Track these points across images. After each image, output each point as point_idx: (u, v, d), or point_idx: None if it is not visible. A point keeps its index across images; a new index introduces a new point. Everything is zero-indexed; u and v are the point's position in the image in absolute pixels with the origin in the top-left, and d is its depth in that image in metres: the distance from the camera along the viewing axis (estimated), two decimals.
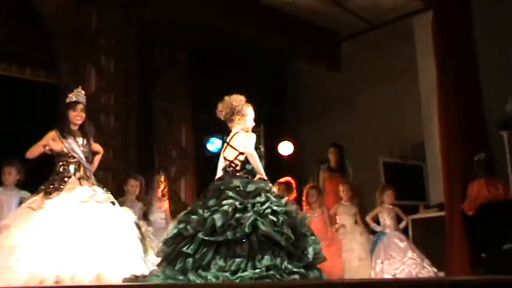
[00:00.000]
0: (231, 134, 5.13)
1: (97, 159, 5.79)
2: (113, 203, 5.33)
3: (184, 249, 4.35)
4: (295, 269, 4.26)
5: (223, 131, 9.73)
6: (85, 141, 5.61)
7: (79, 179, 5.40)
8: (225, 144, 5.13)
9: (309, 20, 10.10)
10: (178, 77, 10.11)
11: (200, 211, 4.55)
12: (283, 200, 4.74)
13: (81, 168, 5.49)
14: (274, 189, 4.97)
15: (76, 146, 5.52)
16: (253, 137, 5.02)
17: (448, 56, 8.57)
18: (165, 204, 7.42)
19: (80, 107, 5.61)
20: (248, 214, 4.39)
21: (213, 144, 10.03)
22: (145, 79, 9.54)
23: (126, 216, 5.35)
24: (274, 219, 4.42)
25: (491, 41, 9.19)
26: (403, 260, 7.40)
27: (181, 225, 4.53)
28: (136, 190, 7.04)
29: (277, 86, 12.14)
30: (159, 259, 4.65)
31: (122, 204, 6.16)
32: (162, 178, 7.57)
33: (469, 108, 8.43)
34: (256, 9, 9.35)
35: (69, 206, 5.10)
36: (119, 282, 4.57)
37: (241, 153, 4.96)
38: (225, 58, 10.25)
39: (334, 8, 9.82)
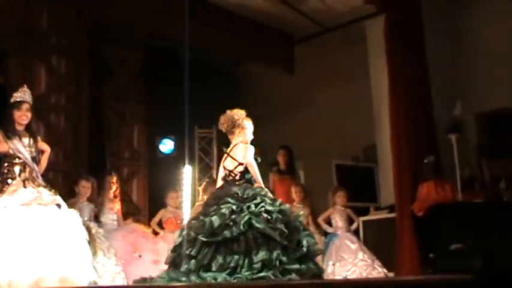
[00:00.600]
0: (231, 146, 5.49)
1: (44, 158, 5.62)
2: (59, 206, 5.18)
3: (187, 252, 4.71)
4: (289, 266, 4.56)
5: (175, 131, 9.81)
6: (31, 142, 5.45)
7: (24, 180, 5.24)
8: (225, 155, 5.48)
9: (263, 22, 10.14)
10: (131, 77, 10.00)
11: (201, 217, 4.93)
12: (278, 201, 5.07)
13: (27, 170, 5.33)
14: (270, 194, 5.21)
15: (21, 146, 5.36)
16: (252, 148, 5.37)
17: (400, 60, 8.69)
18: (117, 206, 7.33)
19: (25, 106, 5.44)
20: (243, 214, 4.75)
21: (166, 146, 9.96)
22: (98, 78, 9.42)
23: (72, 218, 5.22)
24: (268, 216, 4.76)
25: (441, 46, 9.38)
26: (354, 261, 7.47)
27: (185, 232, 4.92)
28: (88, 191, 6.92)
29: (230, 87, 12.12)
30: (110, 260, 4.71)
31: (72, 205, 6.06)
32: (114, 179, 7.47)
33: (420, 111, 8.58)
34: (209, 11, 9.33)
35: (10, 209, 4.94)
36: (63, 285, 4.47)
37: (241, 164, 5.31)
38: (178, 58, 10.19)
39: (288, 11, 9.87)
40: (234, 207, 4.83)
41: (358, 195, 9.00)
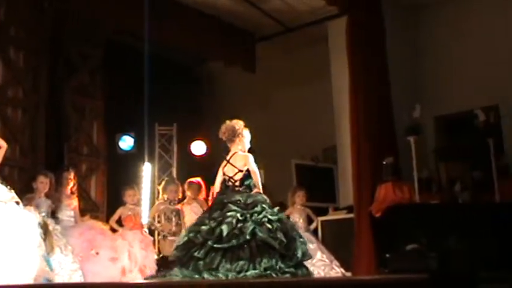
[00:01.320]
0: (231, 153, 5.94)
1: (0, 154, 5.52)
2: (18, 203, 5.08)
3: (195, 254, 5.24)
4: (286, 269, 5.13)
5: (135, 128, 9.72)
6: None
7: None
8: (225, 162, 5.91)
9: (225, 20, 10.11)
10: (91, 72, 9.87)
11: (207, 221, 5.42)
12: (276, 209, 5.57)
13: None
14: (268, 200, 5.69)
15: None
16: (251, 156, 5.88)
17: (361, 62, 8.77)
18: (74, 202, 7.21)
19: None
20: (248, 224, 5.26)
21: (125, 142, 9.84)
22: (58, 73, 9.27)
23: (29, 216, 5.12)
24: (270, 226, 5.27)
25: (402, 48, 9.51)
26: (312, 261, 7.49)
27: (191, 234, 5.42)
28: (46, 187, 6.80)
29: (191, 85, 12.08)
30: (67, 257, 4.71)
31: (30, 201, 5.95)
32: (72, 175, 7.34)
33: (380, 113, 8.67)
34: (172, 8, 9.26)
35: None
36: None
37: (240, 171, 5.78)
38: (139, 55, 10.12)
39: (250, 10, 9.86)
40: (239, 215, 5.33)
41: (318, 195, 9.05)
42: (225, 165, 5.91)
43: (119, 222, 7.52)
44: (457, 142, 9.40)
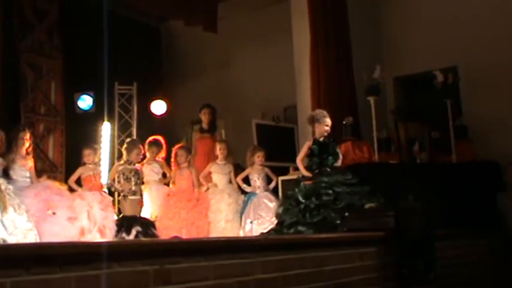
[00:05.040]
0: None
1: None
2: None
3: None
4: None
5: (95, 88, 9.57)
6: None
7: None
8: None
9: None
10: (48, 30, 9.65)
11: None
12: None
13: None
14: None
15: None
16: None
17: (322, 21, 8.75)
18: (30, 163, 7.05)
19: None
20: None
21: (84, 102, 9.68)
22: (13, 31, 9.05)
23: None
24: None
25: (364, 9, 9.49)
26: (271, 220, 7.55)
27: None
28: None
29: (151, 44, 11.92)
30: (21, 216, 4.59)
31: None
32: (28, 135, 7.17)
33: (340, 73, 8.69)
34: None
35: None
36: None
37: None
38: (98, 13, 9.90)
39: None
40: None
41: (278, 155, 9.05)
42: None
43: (78, 182, 7.44)
44: (416, 103, 9.49)
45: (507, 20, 8.68)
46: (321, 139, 6.65)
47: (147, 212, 7.78)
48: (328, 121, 6.69)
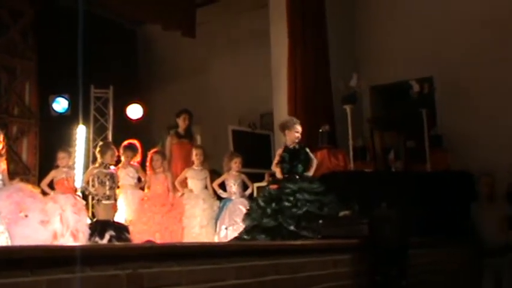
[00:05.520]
0: None
1: None
2: None
3: None
4: None
5: (70, 90, 9.48)
6: None
7: None
8: None
9: None
10: (23, 31, 9.55)
11: None
12: None
13: None
14: None
15: None
16: None
17: (300, 28, 8.78)
18: (3, 165, 6.95)
19: None
20: None
21: (59, 104, 9.58)
22: None
23: None
24: None
25: (342, 17, 9.55)
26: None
27: None
28: None
29: (129, 48, 11.85)
30: None
31: None
32: (1, 137, 7.09)
33: (317, 80, 8.72)
34: None
35: None
36: None
37: None
38: (75, 15, 9.82)
39: None
40: None
41: (254, 162, 9.04)
42: None
43: (51, 185, 7.35)
44: (392, 112, 9.55)
45: (483, 32, 8.78)
46: (291, 146, 6.61)
47: (121, 216, 7.71)
48: (299, 128, 6.63)
